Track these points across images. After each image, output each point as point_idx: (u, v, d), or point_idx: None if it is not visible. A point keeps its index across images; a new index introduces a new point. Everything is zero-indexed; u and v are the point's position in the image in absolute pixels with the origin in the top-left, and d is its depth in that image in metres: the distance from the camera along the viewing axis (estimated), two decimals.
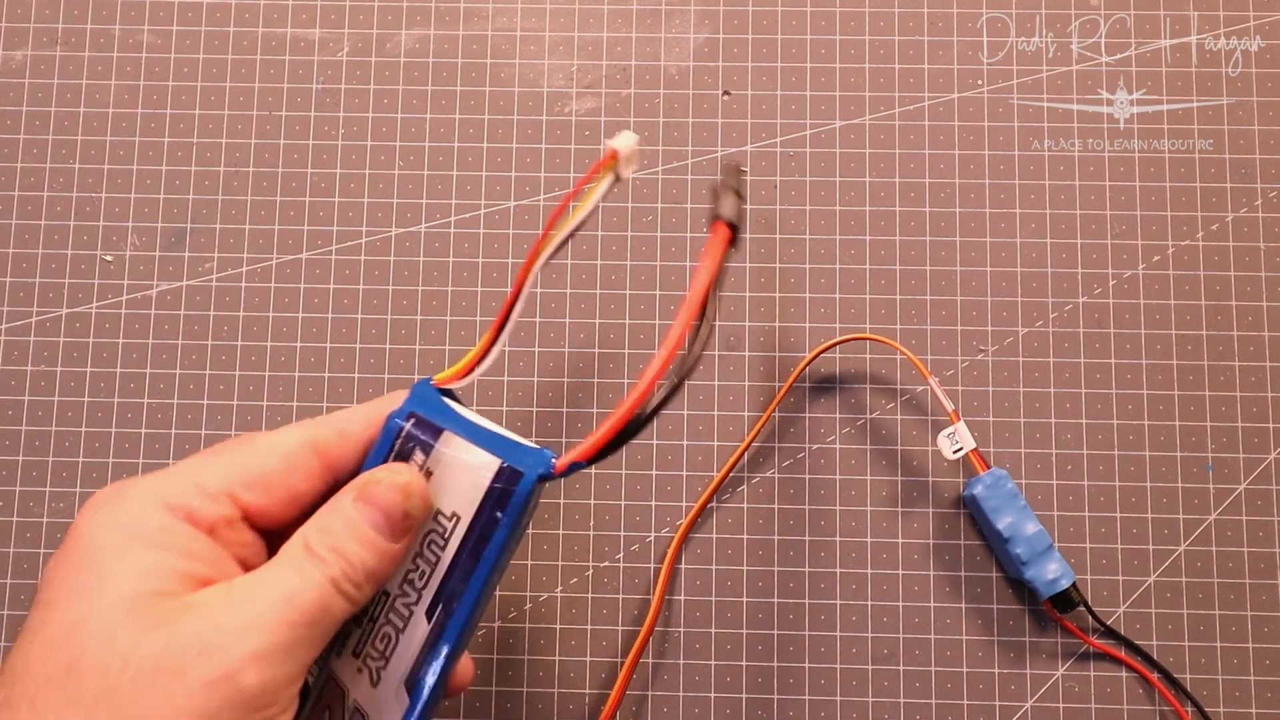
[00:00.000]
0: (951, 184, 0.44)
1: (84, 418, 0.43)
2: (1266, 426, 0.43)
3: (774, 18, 0.46)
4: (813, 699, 0.41)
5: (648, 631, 0.41)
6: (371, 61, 0.46)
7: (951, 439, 0.40)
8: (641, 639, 0.41)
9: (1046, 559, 0.40)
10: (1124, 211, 0.44)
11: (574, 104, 0.45)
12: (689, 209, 0.44)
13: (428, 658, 0.31)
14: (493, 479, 0.30)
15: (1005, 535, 0.40)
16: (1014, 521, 0.40)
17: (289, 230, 0.44)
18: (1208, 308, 0.43)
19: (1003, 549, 0.41)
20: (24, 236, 0.45)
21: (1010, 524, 0.40)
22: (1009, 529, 0.40)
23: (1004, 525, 0.40)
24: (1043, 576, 0.40)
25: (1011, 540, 0.40)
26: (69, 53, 0.46)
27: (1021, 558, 0.40)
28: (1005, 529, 0.40)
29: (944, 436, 0.41)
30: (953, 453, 0.40)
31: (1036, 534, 0.40)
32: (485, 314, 0.44)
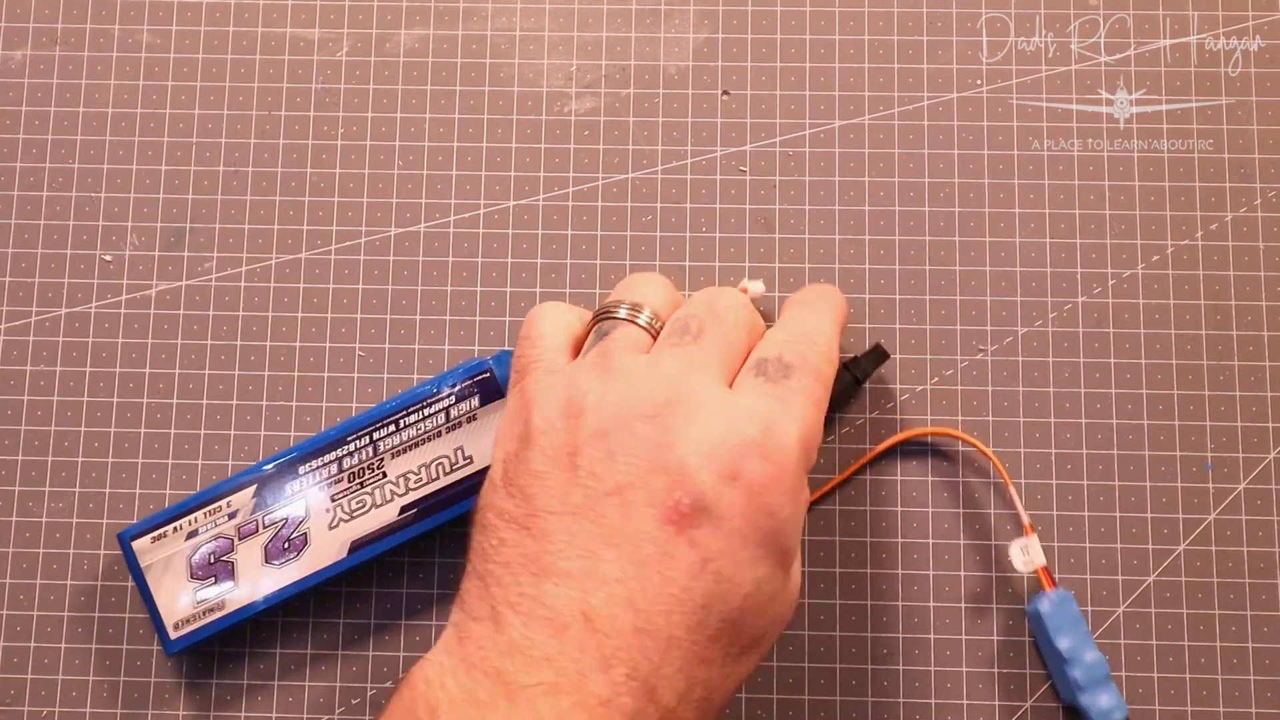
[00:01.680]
0: (951, 184, 0.44)
1: (83, 417, 0.43)
2: (1266, 426, 0.43)
3: (773, 18, 0.46)
4: (812, 699, 0.41)
5: None
6: (371, 61, 0.46)
7: (1024, 551, 0.40)
8: None
9: (1103, 688, 0.39)
10: (1123, 211, 0.44)
11: (573, 104, 0.45)
12: (688, 209, 0.44)
13: (381, 539, 0.39)
14: None
15: (1066, 657, 0.39)
16: (1076, 644, 0.39)
17: (288, 230, 0.45)
18: (1207, 307, 0.43)
19: (1060, 671, 0.40)
20: (23, 236, 0.45)
21: (1071, 647, 0.39)
22: (1070, 651, 0.39)
23: (1065, 647, 0.39)
24: (1098, 705, 0.39)
25: (1071, 663, 0.39)
26: (68, 52, 0.46)
27: (1079, 681, 0.39)
28: (1066, 651, 0.39)
29: (1016, 547, 0.40)
30: (1023, 566, 0.40)
31: (1098, 662, 0.39)
32: (485, 314, 0.44)
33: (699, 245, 0.44)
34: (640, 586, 0.29)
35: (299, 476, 0.40)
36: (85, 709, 0.42)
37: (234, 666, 0.42)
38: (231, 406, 0.43)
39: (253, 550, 0.39)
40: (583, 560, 0.30)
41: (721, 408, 0.32)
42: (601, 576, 0.30)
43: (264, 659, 0.42)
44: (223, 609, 0.39)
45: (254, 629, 0.42)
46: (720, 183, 0.45)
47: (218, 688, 0.42)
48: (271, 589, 0.39)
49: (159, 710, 0.42)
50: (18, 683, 0.42)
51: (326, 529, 0.39)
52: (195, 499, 0.40)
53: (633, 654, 0.29)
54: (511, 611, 0.30)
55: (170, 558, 0.39)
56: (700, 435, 0.31)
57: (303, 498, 0.40)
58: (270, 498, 0.40)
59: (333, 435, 0.40)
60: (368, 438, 0.40)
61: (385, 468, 0.40)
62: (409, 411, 0.40)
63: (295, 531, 0.39)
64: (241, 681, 0.42)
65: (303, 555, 0.39)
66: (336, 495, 0.40)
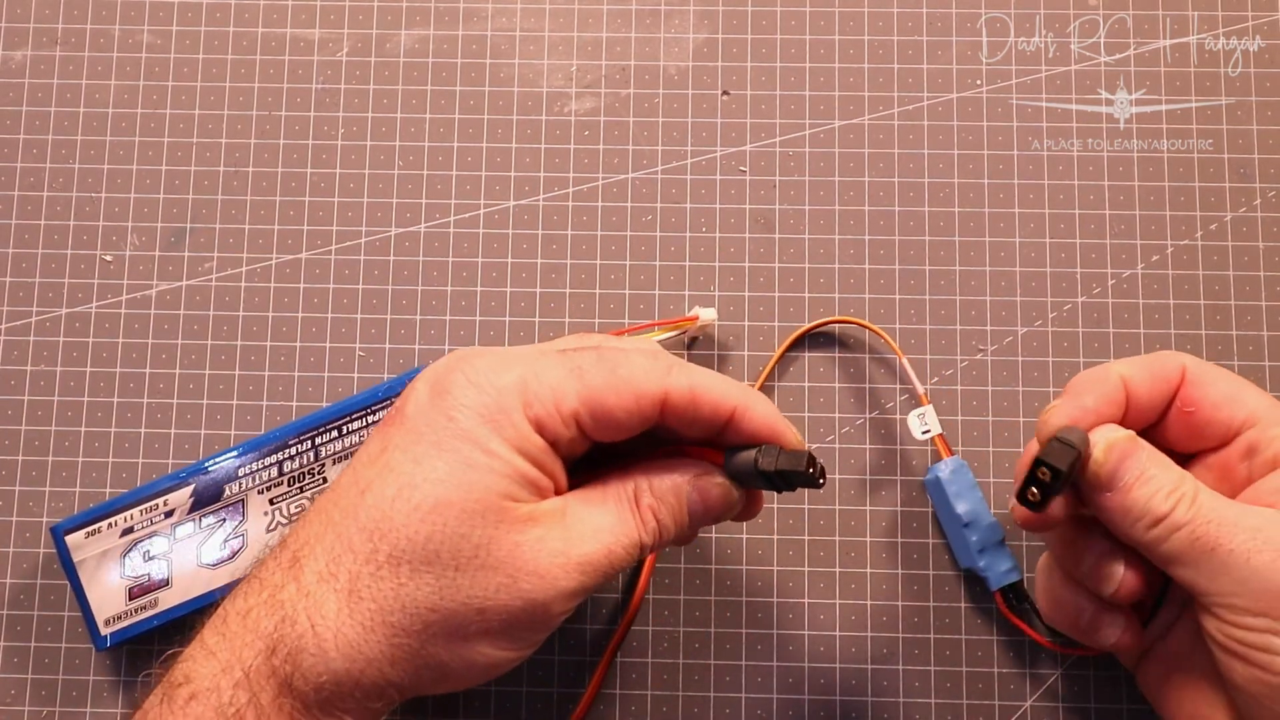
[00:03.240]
0: (950, 184, 0.44)
1: (84, 417, 0.43)
2: None
3: (773, 18, 0.46)
4: (812, 699, 0.41)
5: (624, 629, 0.41)
6: (371, 62, 0.46)
7: (921, 419, 0.41)
8: (618, 635, 0.41)
9: (999, 550, 0.40)
10: (1123, 211, 0.44)
11: (573, 104, 0.45)
12: (688, 209, 0.44)
13: None
14: None
15: (965, 520, 0.40)
16: (973, 509, 0.40)
17: (288, 230, 0.45)
18: (1206, 307, 0.43)
19: (959, 535, 0.41)
20: (24, 236, 0.45)
21: (969, 510, 0.40)
22: (969, 515, 0.40)
23: (964, 510, 0.40)
24: (996, 567, 0.40)
25: (969, 526, 0.40)
26: (69, 53, 0.46)
27: (975, 544, 0.40)
28: (965, 514, 0.40)
29: (914, 416, 0.41)
30: (921, 433, 0.40)
31: (993, 525, 0.40)
32: (485, 314, 0.44)
33: (699, 245, 0.44)
34: (337, 481, 0.32)
35: (238, 478, 0.40)
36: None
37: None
38: (232, 406, 0.43)
39: (188, 550, 0.39)
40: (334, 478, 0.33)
41: (490, 353, 0.33)
42: (330, 484, 0.33)
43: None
44: (155, 607, 0.39)
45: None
46: (720, 183, 0.45)
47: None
48: (205, 589, 0.39)
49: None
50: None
51: (264, 532, 0.39)
52: (131, 495, 0.40)
53: (300, 533, 0.31)
54: None
55: (104, 554, 0.39)
56: (444, 364, 0.33)
57: (240, 499, 0.40)
58: (208, 498, 0.40)
59: (274, 438, 0.40)
60: (309, 442, 0.40)
61: (326, 473, 0.40)
62: (352, 418, 0.40)
63: (232, 533, 0.39)
64: None
65: (238, 557, 0.39)
66: (276, 498, 0.40)
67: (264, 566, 0.32)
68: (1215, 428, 0.35)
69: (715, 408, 0.32)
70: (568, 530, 0.31)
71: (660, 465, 0.33)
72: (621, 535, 0.32)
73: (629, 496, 0.33)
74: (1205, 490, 0.33)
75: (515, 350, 0.33)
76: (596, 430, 0.32)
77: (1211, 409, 0.35)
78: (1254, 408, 0.35)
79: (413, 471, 0.31)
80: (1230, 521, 0.32)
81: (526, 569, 0.30)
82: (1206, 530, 0.32)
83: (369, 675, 0.30)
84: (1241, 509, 0.33)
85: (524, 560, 0.30)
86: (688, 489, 0.33)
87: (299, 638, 0.30)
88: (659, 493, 0.33)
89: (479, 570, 0.30)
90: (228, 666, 0.30)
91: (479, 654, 0.31)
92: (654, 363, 0.33)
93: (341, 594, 0.30)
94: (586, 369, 0.32)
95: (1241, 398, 0.35)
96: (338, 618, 0.30)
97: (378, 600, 0.30)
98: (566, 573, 0.31)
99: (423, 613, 0.30)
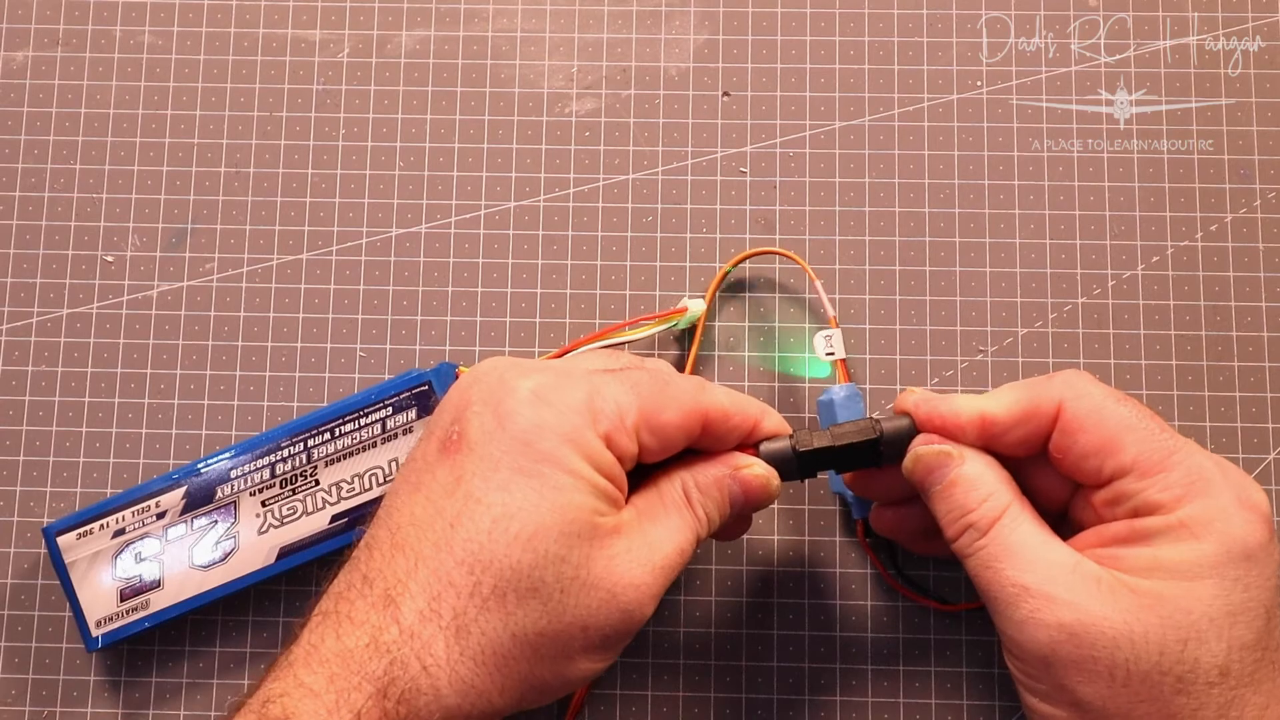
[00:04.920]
0: (951, 185, 0.44)
1: (84, 418, 0.43)
2: (1266, 426, 0.43)
3: (774, 19, 0.46)
4: (811, 699, 0.41)
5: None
6: (372, 63, 0.46)
7: (827, 341, 0.41)
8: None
9: None
10: (1123, 212, 0.44)
11: (574, 105, 0.45)
12: (689, 210, 0.44)
13: (309, 546, 0.39)
14: None
15: None
16: None
17: (289, 231, 0.45)
18: (1206, 308, 0.43)
19: None
20: (25, 237, 0.45)
21: None
22: None
23: None
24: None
25: None
26: (70, 54, 0.46)
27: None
28: None
29: (820, 336, 0.41)
30: (825, 354, 0.41)
31: None
32: (485, 314, 0.44)
33: (699, 246, 0.44)
34: (410, 510, 0.32)
35: (230, 480, 0.40)
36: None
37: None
38: (233, 407, 0.43)
39: (180, 552, 0.39)
40: (390, 500, 0.33)
41: (532, 368, 0.34)
42: (393, 507, 0.33)
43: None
44: (147, 609, 0.39)
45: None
46: (721, 184, 0.45)
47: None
48: (196, 591, 0.39)
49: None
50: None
51: (255, 534, 0.39)
52: (123, 497, 0.40)
53: (386, 571, 0.31)
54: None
55: (95, 555, 0.39)
56: (494, 380, 0.33)
57: (232, 501, 0.40)
58: (200, 499, 0.40)
59: (267, 439, 0.40)
60: (302, 444, 0.40)
61: (318, 475, 0.40)
62: (345, 420, 0.40)
63: (224, 535, 0.39)
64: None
65: (230, 560, 0.39)
66: (268, 500, 0.40)
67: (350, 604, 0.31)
68: (1085, 475, 0.34)
69: (744, 419, 0.35)
70: (646, 537, 0.32)
71: (700, 462, 0.35)
72: (687, 532, 0.33)
73: (680, 495, 0.34)
74: (1007, 524, 0.33)
75: (559, 365, 0.34)
76: (652, 443, 0.34)
77: (1078, 459, 0.34)
78: (1126, 460, 0.33)
79: (504, 501, 0.31)
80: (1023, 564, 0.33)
81: (623, 582, 0.31)
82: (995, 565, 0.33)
83: (479, 707, 0.30)
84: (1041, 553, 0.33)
85: (619, 573, 0.31)
86: (728, 481, 0.35)
87: (411, 680, 0.30)
88: (704, 487, 0.34)
89: (582, 590, 0.31)
90: (334, 708, 0.29)
91: (579, 669, 0.32)
92: (691, 382, 0.35)
93: (449, 632, 0.30)
94: (642, 386, 0.33)
95: (1114, 447, 0.33)
96: (449, 657, 0.30)
97: (487, 634, 0.30)
98: (654, 578, 0.32)
99: (531, 639, 0.31)
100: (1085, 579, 0.32)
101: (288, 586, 0.42)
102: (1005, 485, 0.34)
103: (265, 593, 0.42)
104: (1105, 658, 0.31)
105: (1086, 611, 0.31)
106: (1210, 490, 0.32)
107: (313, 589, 0.41)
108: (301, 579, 0.42)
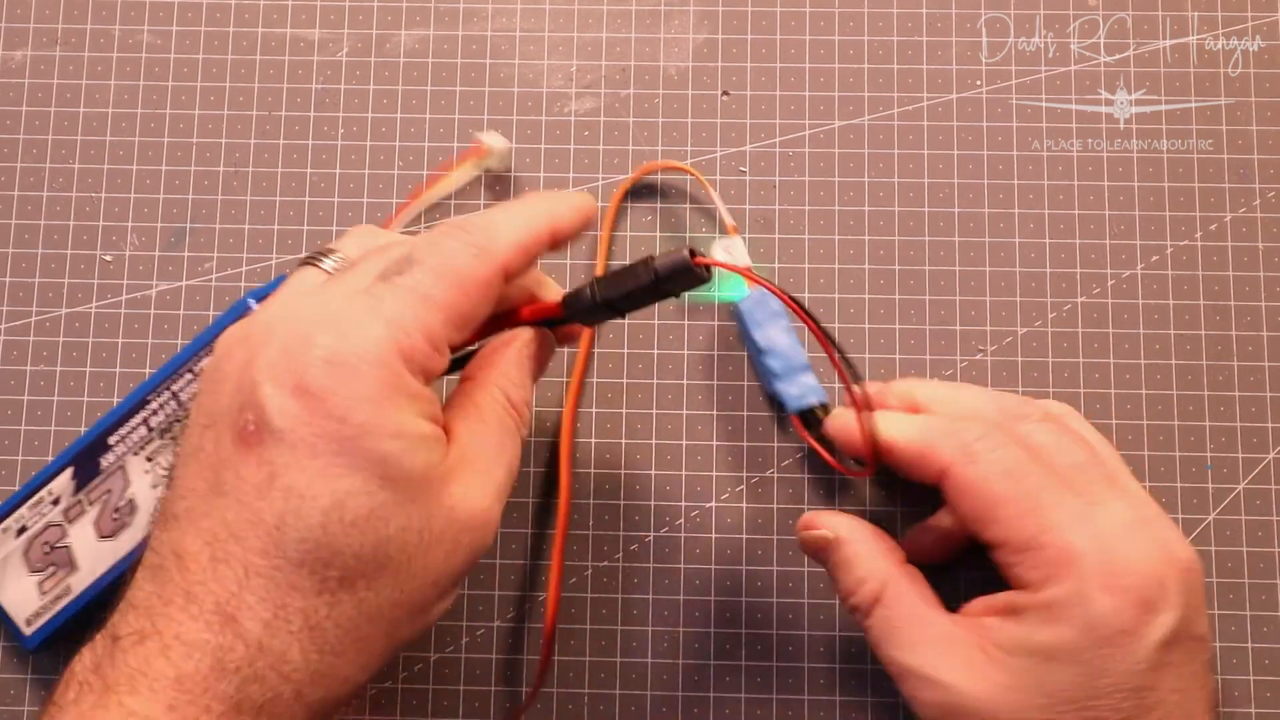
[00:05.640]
0: (950, 184, 0.44)
1: (83, 418, 0.43)
2: (1265, 426, 0.43)
3: (773, 18, 0.46)
4: (811, 699, 0.41)
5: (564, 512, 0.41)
6: (371, 62, 0.46)
7: (727, 251, 0.41)
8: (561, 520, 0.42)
9: (799, 375, 0.40)
10: (1122, 211, 0.44)
11: (573, 104, 0.45)
12: (688, 209, 0.44)
13: None
14: None
15: (761, 347, 0.41)
16: (772, 335, 0.41)
17: (288, 230, 0.45)
18: (1206, 308, 0.43)
19: (761, 364, 0.41)
20: (23, 236, 0.45)
21: (768, 337, 0.41)
22: (766, 341, 0.41)
23: (761, 338, 0.41)
24: (791, 390, 0.40)
25: (767, 353, 0.41)
26: (69, 53, 0.46)
27: (774, 370, 0.40)
28: (763, 341, 0.41)
29: (719, 245, 0.42)
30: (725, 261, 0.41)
31: (793, 349, 0.41)
32: None
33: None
34: (220, 515, 0.28)
35: (110, 448, 0.40)
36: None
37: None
38: None
39: (84, 530, 0.40)
40: (185, 501, 0.29)
41: (306, 317, 0.29)
42: (196, 512, 0.29)
43: None
44: (70, 593, 0.39)
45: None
46: (720, 183, 0.45)
47: None
48: (112, 561, 0.39)
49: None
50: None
51: (150, 489, 0.40)
52: (14, 498, 0.40)
53: (212, 585, 0.28)
54: (139, 567, 0.30)
55: (5, 559, 0.40)
56: (276, 349, 0.29)
57: (120, 466, 0.40)
58: (89, 475, 0.40)
59: (132, 400, 0.41)
60: (168, 392, 0.40)
61: None
62: (199, 356, 0.41)
63: (121, 500, 0.40)
64: None
65: (135, 520, 0.40)
66: (152, 454, 0.40)
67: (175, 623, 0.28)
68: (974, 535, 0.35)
69: (537, 240, 0.32)
70: (478, 466, 0.31)
71: (503, 349, 0.33)
72: (512, 445, 0.32)
73: (501, 402, 0.32)
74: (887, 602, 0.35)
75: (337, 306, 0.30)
76: (460, 337, 0.31)
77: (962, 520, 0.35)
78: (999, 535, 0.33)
79: (331, 489, 0.28)
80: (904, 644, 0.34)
81: (467, 526, 0.30)
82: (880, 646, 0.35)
83: (345, 690, 0.29)
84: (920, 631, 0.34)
85: (462, 518, 0.30)
86: (530, 364, 0.33)
87: (270, 689, 0.28)
88: (518, 381, 0.33)
89: (429, 549, 0.29)
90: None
91: (435, 614, 0.31)
92: (464, 242, 0.31)
93: (302, 636, 0.28)
94: (430, 285, 0.30)
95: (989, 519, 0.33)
96: (305, 659, 0.28)
97: (342, 624, 0.28)
98: (494, 504, 0.31)
99: (387, 612, 0.29)
100: (959, 658, 0.33)
101: None
102: (883, 559, 0.35)
103: None
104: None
105: (959, 693, 0.32)
106: (1074, 572, 0.32)
107: None
108: None
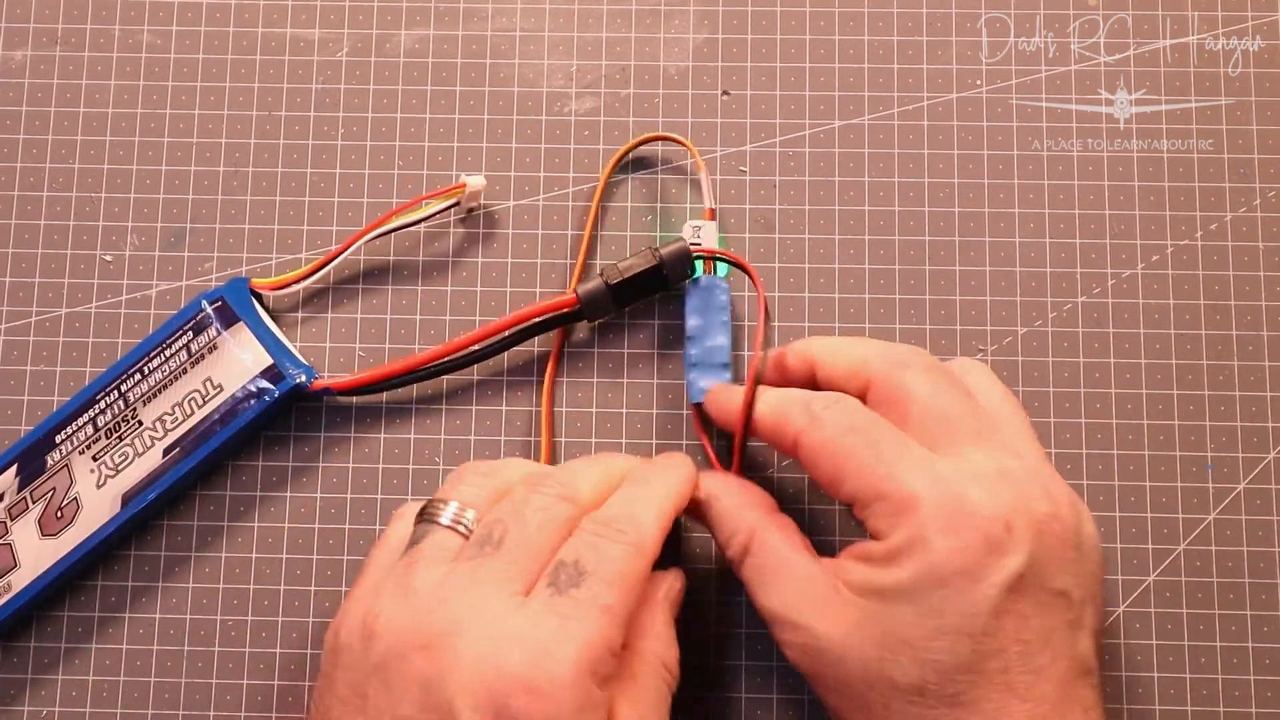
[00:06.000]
0: (950, 184, 0.44)
1: None
2: (1265, 426, 0.43)
3: (773, 18, 0.46)
4: (812, 699, 0.41)
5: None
6: (371, 62, 0.46)
7: (696, 231, 0.42)
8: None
9: (714, 372, 0.41)
10: (1123, 211, 0.44)
11: (573, 104, 0.45)
12: (688, 209, 0.44)
13: (151, 484, 0.40)
14: (260, 372, 0.40)
15: (689, 333, 0.41)
16: (706, 326, 0.41)
17: (288, 230, 0.45)
18: (1206, 307, 0.43)
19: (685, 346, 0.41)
20: (23, 236, 0.45)
21: (700, 327, 0.41)
22: (697, 330, 0.41)
23: (694, 325, 0.41)
24: (699, 383, 0.41)
25: (693, 340, 0.41)
26: (68, 53, 0.46)
27: (691, 357, 0.41)
28: (693, 329, 0.41)
29: (689, 226, 0.42)
30: (691, 243, 0.41)
31: (718, 348, 0.41)
32: (485, 313, 0.44)
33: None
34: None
35: (56, 446, 0.40)
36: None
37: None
38: None
39: (27, 527, 0.40)
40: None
41: (493, 635, 0.30)
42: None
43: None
44: (10, 591, 0.40)
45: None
46: (720, 183, 0.45)
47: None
48: (54, 559, 0.40)
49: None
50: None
51: (95, 489, 0.40)
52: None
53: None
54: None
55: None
56: (468, 670, 0.29)
57: (65, 464, 0.40)
58: (33, 473, 0.40)
59: (80, 399, 0.41)
60: (115, 391, 0.41)
61: (140, 415, 0.41)
62: (150, 356, 0.41)
63: (65, 498, 0.40)
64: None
65: (77, 520, 0.40)
66: (98, 454, 0.40)
67: None
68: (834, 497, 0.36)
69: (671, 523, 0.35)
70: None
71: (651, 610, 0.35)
72: (666, 706, 0.34)
73: (659, 672, 0.34)
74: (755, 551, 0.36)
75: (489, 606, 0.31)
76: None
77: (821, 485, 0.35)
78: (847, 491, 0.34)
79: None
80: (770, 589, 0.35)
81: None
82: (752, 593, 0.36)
83: None
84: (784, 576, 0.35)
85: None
86: (674, 613, 0.36)
87: None
88: (667, 639, 0.35)
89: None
90: None
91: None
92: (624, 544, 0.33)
93: None
94: (606, 599, 0.31)
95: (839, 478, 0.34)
96: None
97: None
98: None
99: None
100: (818, 600, 0.34)
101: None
102: (751, 510, 0.36)
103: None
104: (830, 674, 0.33)
105: (814, 634, 0.33)
106: (913, 518, 0.32)
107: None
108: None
